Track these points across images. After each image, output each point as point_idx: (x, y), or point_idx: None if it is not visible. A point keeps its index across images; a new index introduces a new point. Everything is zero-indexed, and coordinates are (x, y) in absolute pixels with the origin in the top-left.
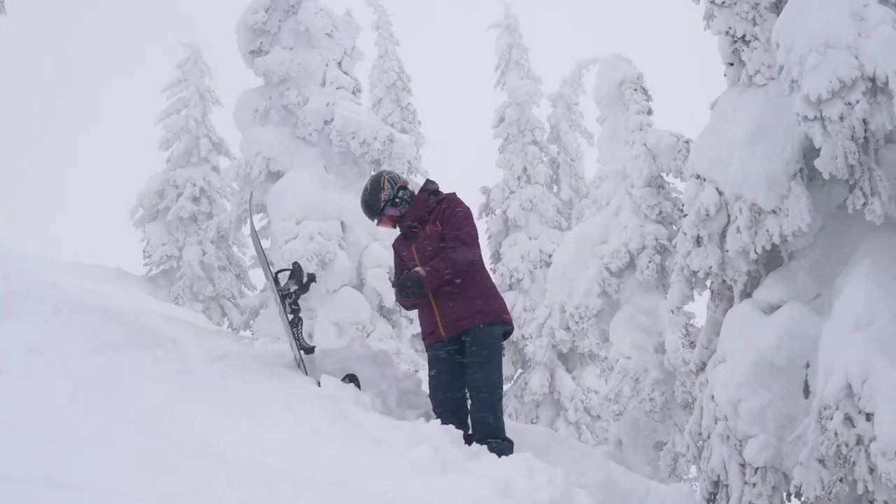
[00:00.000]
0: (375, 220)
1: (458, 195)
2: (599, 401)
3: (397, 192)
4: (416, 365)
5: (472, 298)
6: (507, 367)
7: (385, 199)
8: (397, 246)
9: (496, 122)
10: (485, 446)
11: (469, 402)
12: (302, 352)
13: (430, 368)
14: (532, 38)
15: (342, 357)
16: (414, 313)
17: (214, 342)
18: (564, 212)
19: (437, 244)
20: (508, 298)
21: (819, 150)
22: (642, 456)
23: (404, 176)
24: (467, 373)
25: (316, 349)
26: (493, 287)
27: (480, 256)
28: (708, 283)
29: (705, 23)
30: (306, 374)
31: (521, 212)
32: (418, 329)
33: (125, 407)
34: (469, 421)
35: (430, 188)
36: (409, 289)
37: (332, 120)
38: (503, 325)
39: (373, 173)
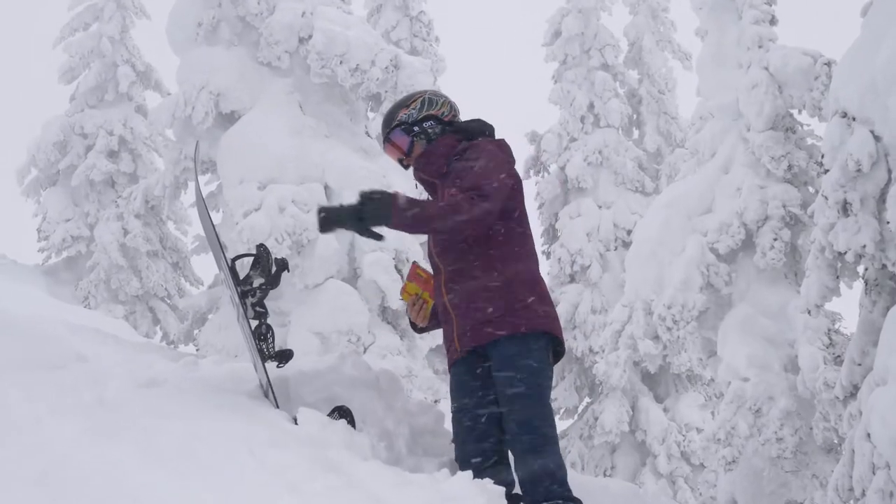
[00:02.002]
0: (387, 149)
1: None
2: (704, 442)
3: (423, 118)
4: (435, 392)
5: (498, 293)
6: (569, 395)
7: (403, 118)
8: None
9: (549, 39)
10: None
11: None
12: (270, 366)
13: (451, 400)
14: None
15: (328, 382)
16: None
17: (143, 361)
18: (650, 168)
19: None
20: (569, 295)
21: None
22: None
23: (457, 108)
24: (502, 414)
25: (292, 360)
26: (535, 280)
27: (520, 230)
28: (860, 269)
29: None
30: (277, 405)
31: (586, 168)
32: (439, 340)
33: (17, 456)
34: (514, 474)
35: (465, 128)
36: (359, 212)
37: (311, 37)
38: (547, 336)
39: None
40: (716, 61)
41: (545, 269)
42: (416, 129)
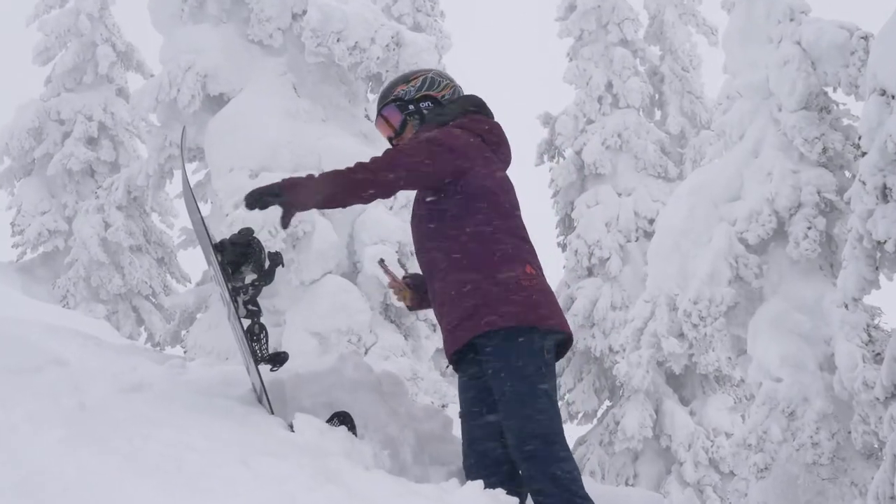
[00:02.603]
0: (378, 124)
1: (503, 129)
2: (733, 448)
3: (421, 97)
4: (442, 395)
5: (469, 294)
6: (588, 398)
7: (400, 94)
8: None
9: (563, 13)
10: None
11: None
12: (264, 369)
13: (460, 404)
14: None
15: (327, 385)
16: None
17: (126, 364)
18: (673, 151)
19: (436, 215)
20: (587, 290)
21: None
22: None
23: (461, 92)
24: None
25: (287, 362)
26: (517, 260)
27: (492, 206)
28: None
29: None
30: (271, 411)
31: (604, 153)
32: None
33: None
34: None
35: (446, 112)
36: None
37: (305, 13)
38: (540, 331)
39: None
40: (744, 36)
41: (560, 261)
42: (410, 107)
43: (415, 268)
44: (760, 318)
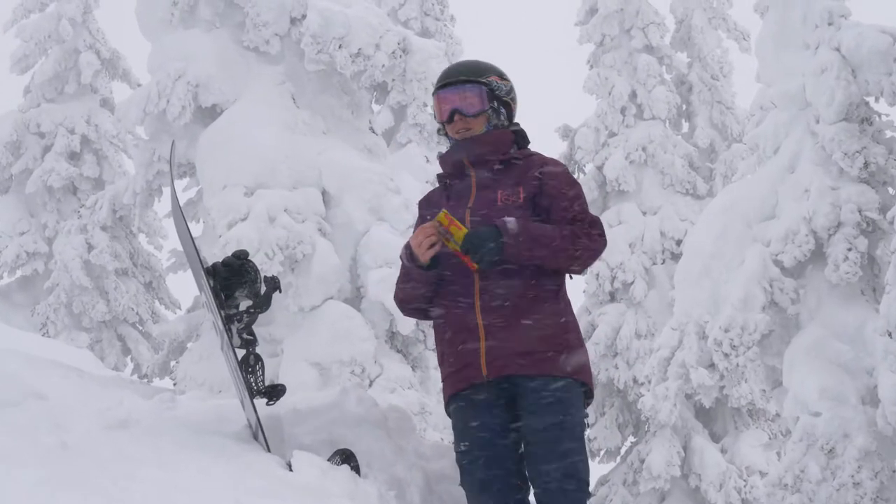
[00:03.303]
0: (455, 91)
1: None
2: (768, 488)
3: (506, 102)
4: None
5: (552, 328)
6: (610, 434)
7: (494, 85)
8: (431, 201)
9: (583, 16)
10: None
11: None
12: (260, 403)
13: (459, 437)
14: None
15: (328, 421)
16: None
17: (111, 398)
18: (702, 166)
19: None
20: (609, 316)
21: None
22: None
23: None
24: (529, 453)
25: (285, 395)
26: (577, 324)
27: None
28: None
29: None
30: (268, 449)
31: (628, 168)
32: None
33: None
34: None
35: (517, 129)
36: (477, 245)
37: (305, 17)
38: (584, 388)
39: None
40: (779, 41)
41: (581, 285)
42: (495, 103)
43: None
44: (797, 347)
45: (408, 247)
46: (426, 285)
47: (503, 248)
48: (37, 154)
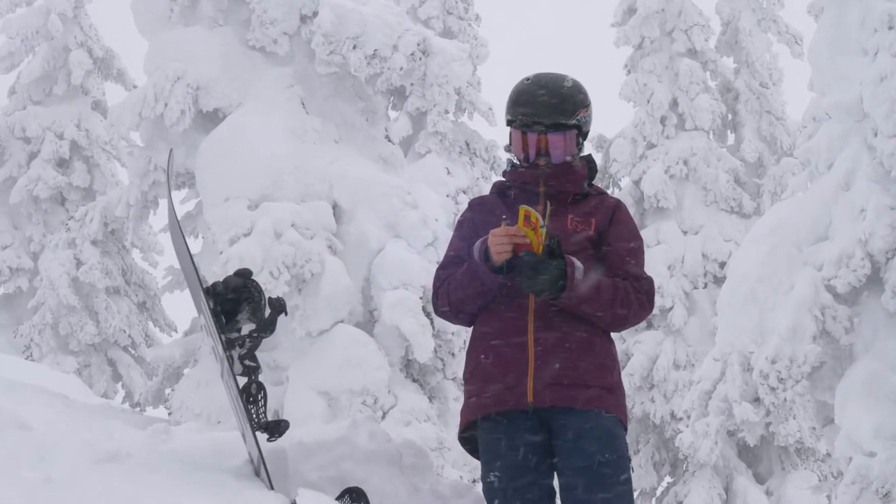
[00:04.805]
0: (546, 134)
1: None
2: None
3: (586, 133)
4: (473, 469)
5: (602, 361)
6: (646, 473)
7: (581, 121)
8: (486, 205)
9: (621, 17)
10: None
11: None
12: (262, 436)
13: (489, 466)
14: None
15: (337, 456)
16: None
17: (100, 429)
18: (749, 182)
19: (587, 252)
20: (646, 345)
21: None
22: None
23: None
24: (568, 490)
25: (290, 429)
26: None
27: None
28: None
29: None
30: (271, 486)
31: (667, 182)
32: None
33: None
34: None
35: (590, 162)
36: (535, 276)
37: (316, 14)
38: (622, 425)
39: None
40: (834, 47)
41: None
42: (581, 140)
43: (439, 322)
44: (850, 381)
45: (483, 242)
46: (491, 289)
47: (561, 290)
48: (22, 161)
